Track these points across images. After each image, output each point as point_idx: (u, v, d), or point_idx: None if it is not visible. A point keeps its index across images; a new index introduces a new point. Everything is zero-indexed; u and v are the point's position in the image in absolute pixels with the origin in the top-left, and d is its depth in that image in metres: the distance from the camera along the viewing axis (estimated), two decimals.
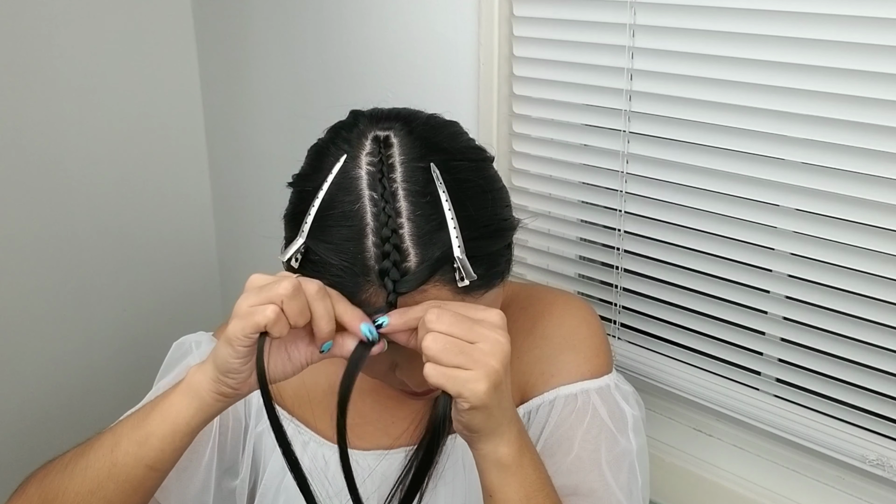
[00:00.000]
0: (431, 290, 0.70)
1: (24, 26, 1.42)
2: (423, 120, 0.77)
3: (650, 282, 1.06)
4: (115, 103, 1.55)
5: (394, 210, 0.70)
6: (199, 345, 0.93)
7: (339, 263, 0.70)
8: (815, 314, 0.93)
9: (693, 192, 0.99)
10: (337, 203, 0.71)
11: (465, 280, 0.70)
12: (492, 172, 0.78)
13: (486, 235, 0.73)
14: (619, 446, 0.84)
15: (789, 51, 0.86)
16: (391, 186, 0.70)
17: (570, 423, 0.84)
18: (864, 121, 0.83)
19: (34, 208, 1.49)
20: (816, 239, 0.90)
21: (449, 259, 0.70)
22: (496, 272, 0.74)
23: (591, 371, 0.86)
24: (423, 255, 0.69)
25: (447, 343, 0.66)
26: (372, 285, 0.70)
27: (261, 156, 1.57)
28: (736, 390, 1.01)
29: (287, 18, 1.42)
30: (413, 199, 0.70)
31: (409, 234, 0.69)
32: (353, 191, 0.71)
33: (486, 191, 0.75)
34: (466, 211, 0.71)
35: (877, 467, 0.91)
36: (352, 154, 0.73)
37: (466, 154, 0.76)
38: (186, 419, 0.75)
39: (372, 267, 0.69)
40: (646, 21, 0.97)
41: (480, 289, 0.73)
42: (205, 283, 1.76)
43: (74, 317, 1.58)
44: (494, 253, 0.74)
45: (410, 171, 0.71)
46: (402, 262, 0.69)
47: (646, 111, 1.00)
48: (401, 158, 0.72)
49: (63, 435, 1.58)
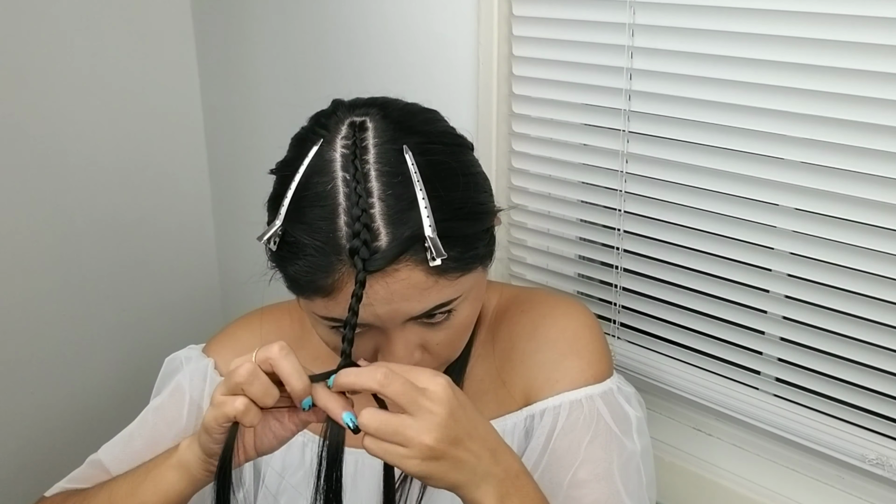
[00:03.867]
0: (403, 269, 0.71)
1: (24, 25, 1.42)
2: (399, 106, 0.79)
3: (650, 281, 1.06)
4: (114, 101, 1.55)
5: (365, 190, 0.71)
6: (189, 360, 0.94)
7: (312, 243, 0.71)
8: (814, 314, 0.93)
9: (693, 192, 0.99)
10: (312, 185, 0.73)
11: (436, 259, 0.70)
12: (468, 157, 0.79)
13: (459, 217, 0.74)
14: (626, 450, 0.84)
15: (789, 51, 0.86)
16: (363, 168, 0.71)
17: (577, 430, 0.84)
18: (864, 121, 0.83)
19: (33, 207, 1.49)
20: (816, 239, 0.90)
21: (420, 238, 0.70)
22: (473, 255, 0.75)
23: (595, 376, 0.87)
24: (394, 234, 0.70)
25: (382, 423, 0.66)
26: (344, 265, 0.71)
27: (260, 155, 1.57)
28: (736, 390, 1.01)
29: (286, 18, 1.42)
30: (385, 180, 0.71)
31: (380, 214, 0.70)
32: (328, 172, 0.72)
33: (461, 174, 0.76)
34: (439, 192, 0.72)
35: (877, 467, 0.91)
36: (328, 138, 0.75)
37: (441, 138, 0.77)
38: (178, 491, 0.78)
39: (343, 246, 0.70)
40: (645, 21, 0.97)
41: (456, 271, 0.73)
42: (205, 282, 1.76)
43: (72, 316, 1.57)
44: (470, 236, 0.74)
45: (383, 152, 0.73)
46: (372, 241, 0.70)
47: (645, 111, 1.00)
48: (374, 141, 0.73)
49: (63, 436, 1.58)
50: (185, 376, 0.93)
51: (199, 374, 0.93)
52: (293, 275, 0.74)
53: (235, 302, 1.75)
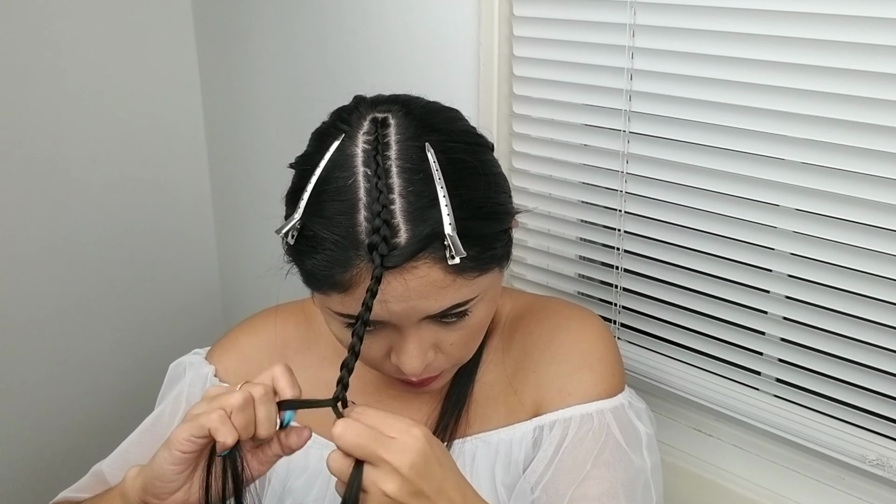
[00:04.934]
0: (422, 267, 0.70)
1: (24, 25, 1.42)
2: (421, 104, 0.79)
3: (650, 282, 1.06)
4: (114, 101, 1.55)
5: (386, 186, 0.70)
6: (192, 366, 0.94)
7: (330, 237, 0.71)
8: (815, 314, 0.93)
9: (693, 192, 0.99)
10: (332, 179, 0.72)
11: (455, 258, 0.70)
12: (489, 157, 0.79)
13: (479, 216, 0.73)
14: (634, 467, 0.84)
15: (789, 51, 0.86)
16: (385, 163, 0.71)
17: (586, 444, 0.83)
18: (864, 121, 0.83)
19: (34, 207, 1.49)
20: (816, 239, 0.90)
21: (439, 236, 0.70)
22: (491, 255, 0.74)
23: (607, 390, 0.86)
24: (414, 231, 0.70)
25: (343, 469, 0.64)
26: (362, 260, 0.70)
27: (260, 155, 1.57)
28: (736, 390, 1.01)
29: (287, 18, 1.42)
30: (406, 176, 0.71)
31: (401, 210, 0.70)
32: (349, 167, 0.72)
33: (482, 173, 0.75)
34: (459, 190, 0.72)
35: (877, 467, 0.91)
36: (350, 133, 0.74)
37: (463, 137, 0.77)
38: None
39: (362, 241, 0.70)
40: (646, 21, 0.97)
41: (474, 271, 0.73)
42: (205, 282, 1.76)
43: (71, 317, 1.57)
44: (489, 235, 0.74)
45: (405, 149, 0.72)
46: (391, 238, 0.69)
47: (646, 111, 1.00)
48: (396, 137, 0.73)
49: (63, 436, 1.58)
50: (186, 384, 0.93)
51: (200, 381, 0.93)
52: (310, 269, 0.73)
53: (236, 302, 1.75)
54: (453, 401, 0.88)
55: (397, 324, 0.74)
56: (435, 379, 0.81)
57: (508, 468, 0.86)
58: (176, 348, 0.99)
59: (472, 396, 0.88)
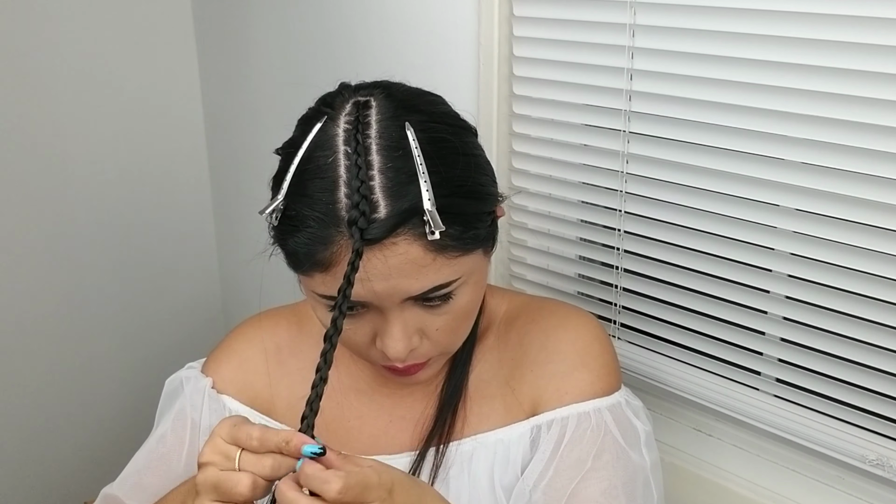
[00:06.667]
0: (401, 243, 0.71)
1: (25, 25, 1.42)
2: (403, 88, 0.80)
3: (650, 282, 1.06)
4: (114, 101, 1.55)
5: (365, 163, 0.71)
6: (189, 381, 0.93)
7: (312, 215, 0.72)
8: (814, 314, 0.93)
9: (693, 192, 0.99)
10: (314, 158, 0.73)
11: (434, 233, 0.71)
12: (471, 139, 0.80)
13: (459, 194, 0.74)
14: (633, 464, 0.84)
15: (789, 51, 0.86)
16: (365, 141, 0.72)
17: (584, 442, 0.83)
18: (864, 121, 0.83)
19: (34, 207, 1.49)
20: (816, 239, 0.90)
21: (418, 211, 0.71)
22: (473, 235, 0.75)
23: (604, 389, 0.86)
24: (393, 206, 0.70)
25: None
26: (343, 237, 0.71)
27: (260, 154, 1.57)
28: (736, 390, 1.01)
29: (287, 19, 1.42)
30: (385, 154, 0.72)
31: (380, 186, 0.71)
32: (330, 147, 0.73)
33: (462, 153, 0.76)
34: (439, 168, 0.73)
35: (877, 467, 0.91)
36: (332, 115, 0.75)
37: (444, 119, 0.78)
38: None
39: (343, 217, 0.70)
40: (646, 21, 0.97)
41: (455, 250, 0.73)
42: (205, 282, 1.76)
43: (71, 317, 1.58)
44: (470, 215, 0.75)
45: (385, 127, 0.73)
46: (371, 213, 0.70)
47: (646, 111, 1.00)
48: (377, 117, 0.74)
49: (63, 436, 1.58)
50: (186, 399, 0.92)
51: (199, 394, 0.93)
52: (293, 248, 0.74)
53: (236, 302, 1.75)
54: (448, 398, 0.88)
55: (380, 305, 0.74)
56: (422, 367, 0.81)
57: (506, 469, 0.86)
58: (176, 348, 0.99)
59: (469, 395, 0.88)
